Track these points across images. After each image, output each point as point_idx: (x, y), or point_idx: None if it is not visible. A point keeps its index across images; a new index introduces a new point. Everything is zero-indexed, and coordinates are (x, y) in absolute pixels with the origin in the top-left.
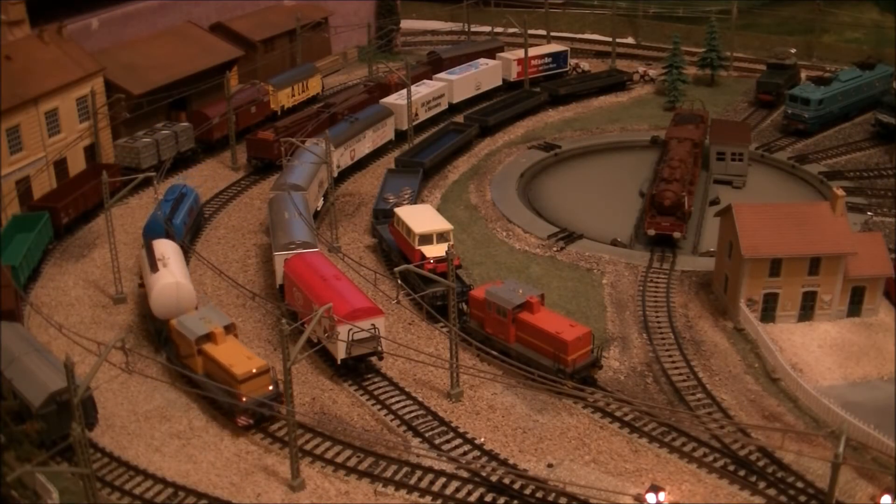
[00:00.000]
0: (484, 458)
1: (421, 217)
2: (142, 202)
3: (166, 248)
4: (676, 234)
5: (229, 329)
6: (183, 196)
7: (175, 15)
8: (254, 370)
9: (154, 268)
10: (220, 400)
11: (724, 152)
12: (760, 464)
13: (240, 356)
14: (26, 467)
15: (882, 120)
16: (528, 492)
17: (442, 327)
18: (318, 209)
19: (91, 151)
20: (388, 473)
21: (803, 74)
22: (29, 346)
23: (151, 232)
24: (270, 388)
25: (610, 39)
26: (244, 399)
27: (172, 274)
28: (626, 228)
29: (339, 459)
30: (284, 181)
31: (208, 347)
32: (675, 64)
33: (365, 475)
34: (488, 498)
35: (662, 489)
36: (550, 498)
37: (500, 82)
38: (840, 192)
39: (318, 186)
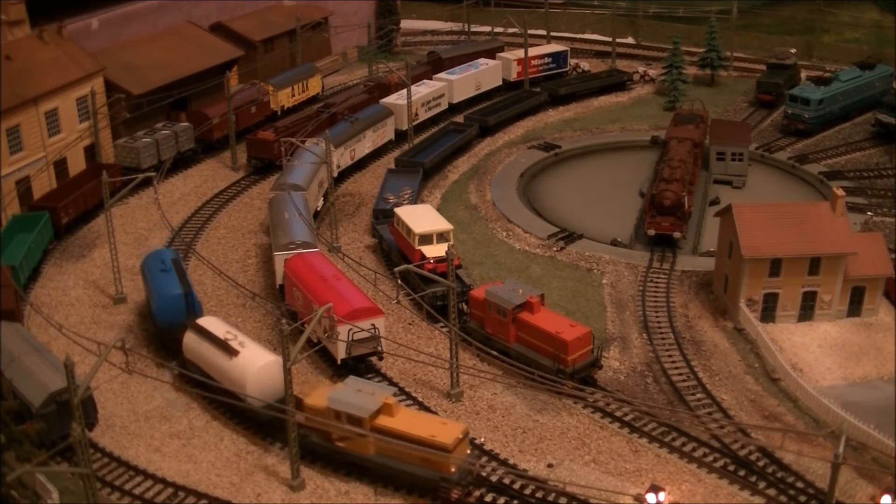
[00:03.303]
0: (484, 458)
1: (421, 217)
2: (142, 202)
3: (222, 326)
4: (676, 234)
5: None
6: (176, 262)
7: (175, 15)
8: (459, 435)
9: (232, 352)
10: (418, 478)
11: (724, 152)
12: (760, 464)
13: (433, 424)
14: (26, 467)
15: (882, 120)
16: (528, 492)
17: (442, 327)
18: (318, 209)
19: (91, 151)
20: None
21: (803, 74)
22: (29, 346)
23: (168, 314)
24: (468, 451)
25: (610, 39)
26: (453, 470)
27: (262, 352)
28: (626, 228)
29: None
30: (284, 181)
31: (386, 422)
32: (675, 64)
33: (365, 475)
34: (488, 498)
35: (662, 489)
36: (550, 498)
37: (500, 82)
38: (840, 192)
39: (318, 186)
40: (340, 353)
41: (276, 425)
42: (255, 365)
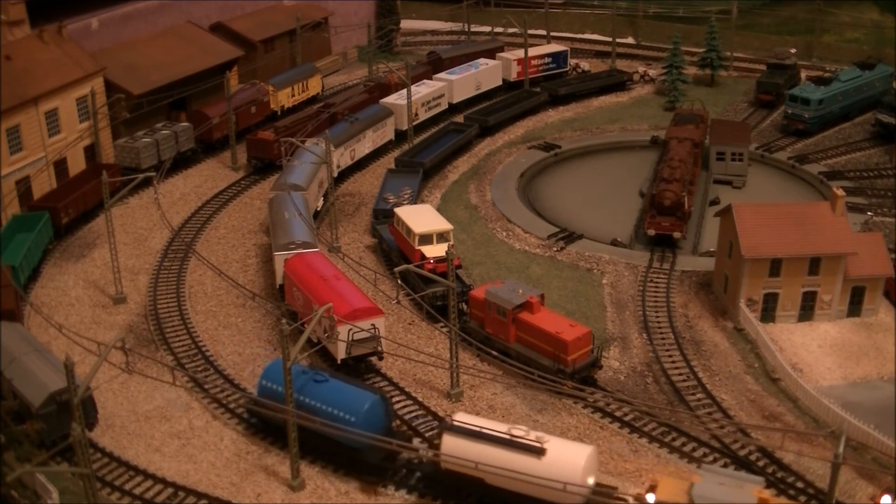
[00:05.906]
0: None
1: (421, 217)
2: (142, 202)
3: (480, 420)
4: (676, 234)
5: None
6: (313, 367)
7: (175, 15)
8: None
9: (539, 451)
10: None
11: (724, 152)
12: (760, 464)
13: None
14: (26, 467)
15: (882, 120)
16: None
17: (442, 327)
18: (318, 209)
19: (91, 151)
20: (388, 473)
21: (803, 74)
22: (29, 346)
23: (375, 429)
24: None
25: (610, 39)
26: None
27: (571, 445)
28: (626, 228)
29: (339, 459)
30: (284, 181)
31: None
32: (675, 64)
33: (365, 475)
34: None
35: None
36: None
37: (500, 82)
38: (840, 192)
39: (318, 186)
40: (340, 353)
41: None
42: (580, 462)
